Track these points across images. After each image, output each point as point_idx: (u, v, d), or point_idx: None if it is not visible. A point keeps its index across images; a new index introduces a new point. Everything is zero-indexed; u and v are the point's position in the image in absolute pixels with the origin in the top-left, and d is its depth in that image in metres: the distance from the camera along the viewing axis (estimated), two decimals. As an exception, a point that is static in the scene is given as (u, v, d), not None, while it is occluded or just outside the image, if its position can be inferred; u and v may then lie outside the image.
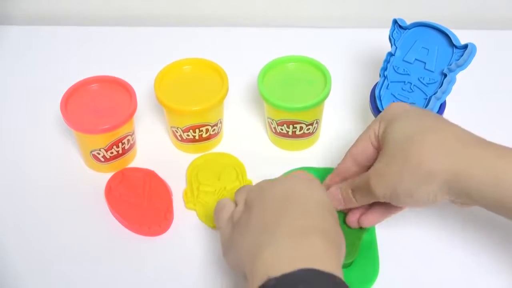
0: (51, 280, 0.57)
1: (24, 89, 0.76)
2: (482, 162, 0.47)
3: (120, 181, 0.63)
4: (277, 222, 0.47)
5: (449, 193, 0.48)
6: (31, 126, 0.71)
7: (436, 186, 0.48)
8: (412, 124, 0.50)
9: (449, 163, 0.47)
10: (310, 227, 0.46)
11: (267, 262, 0.44)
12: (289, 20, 0.85)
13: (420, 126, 0.50)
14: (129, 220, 0.60)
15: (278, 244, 0.45)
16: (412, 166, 0.48)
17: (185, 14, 0.86)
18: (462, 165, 0.47)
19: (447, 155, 0.47)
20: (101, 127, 0.60)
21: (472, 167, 0.47)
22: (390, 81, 0.63)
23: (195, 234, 0.60)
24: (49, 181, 0.65)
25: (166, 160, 0.67)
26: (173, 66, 0.66)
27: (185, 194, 0.63)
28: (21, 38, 0.83)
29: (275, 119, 0.65)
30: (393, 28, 0.64)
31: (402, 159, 0.49)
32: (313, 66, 0.66)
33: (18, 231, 0.61)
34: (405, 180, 0.48)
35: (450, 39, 0.61)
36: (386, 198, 0.51)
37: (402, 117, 0.52)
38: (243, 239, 0.48)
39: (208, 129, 0.65)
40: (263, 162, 0.66)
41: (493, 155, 0.47)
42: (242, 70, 0.72)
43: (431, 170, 0.47)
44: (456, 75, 0.60)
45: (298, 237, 0.45)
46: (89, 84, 0.64)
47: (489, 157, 0.47)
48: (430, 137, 0.49)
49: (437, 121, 0.51)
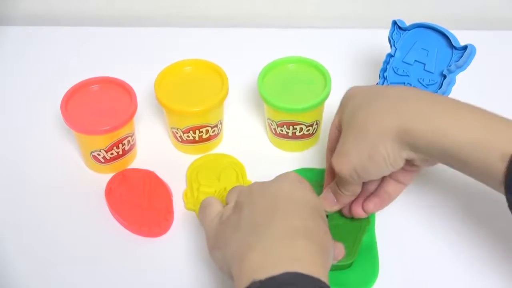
0: (51, 280, 0.57)
1: (24, 89, 0.76)
2: (422, 116, 0.48)
3: (120, 182, 0.63)
4: (266, 223, 0.46)
5: (403, 148, 0.49)
6: (31, 127, 0.71)
7: (388, 144, 0.49)
8: (360, 98, 0.52)
9: (394, 119, 0.49)
10: (298, 229, 0.46)
11: (253, 264, 0.44)
12: (289, 20, 0.85)
13: (366, 98, 0.52)
14: (129, 221, 0.60)
15: (265, 245, 0.45)
16: (362, 134, 0.50)
17: (185, 14, 0.86)
18: (405, 120, 0.48)
19: (390, 114, 0.49)
20: (101, 128, 0.60)
21: (414, 121, 0.48)
22: (389, 82, 0.63)
23: (195, 234, 0.60)
24: (49, 182, 0.65)
25: (166, 161, 0.67)
26: (173, 67, 0.66)
27: (185, 195, 0.63)
28: (21, 38, 0.83)
29: (275, 120, 0.65)
30: (393, 29, 0.64)
31: (353, 132, 0.51)
32: (313, 67, 0.66)
33: (18, 232, 0.61)
34: (361, 150, 0.50)
35: (449, 40, 0.61)
36: (354, 176, 0.52)
37: (354, 96, 0.54)
38: (231, 239, 0.48)
39: (208, 130, 0.65)
40: (263, 163, 0.66)
41: (434, 110, 0.48)
42: (242, 71, 0.72)
43: (378, 130, 0.49)
44: (456, 76, 0.60)
45: (285, 239, 0.45)
46: (89, 85, 0.64)
47: (429, 112, 0.48)
48: (374, 103, 0.50)
49: (384, 89, 0.53)
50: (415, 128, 0.48)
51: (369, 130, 0.49)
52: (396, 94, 0.51)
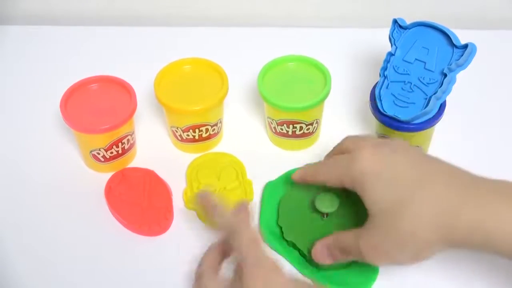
0: (50, 279, 0.57)
1: (24, 88, 0.76)
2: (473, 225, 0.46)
3: (120, 181, 0.63)
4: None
5: (445, 247, 0.48)
6: (31, 126, 0.71)
7: (435, 250, 0.48)
8: (392, 192, 0.49)
9: (442, 232, 0.47)
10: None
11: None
12: (289, 20, 0.85)
13: (401, 194, 0.48)
14: (129, 220, 0.60)
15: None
16: (408, 239, 0.48)
17: (185, 14, 0.86)
18: (453, 229, 0.46)
19: (438, 223, 0.47)
20: (101, 127, 0.60)
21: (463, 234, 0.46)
22: (390, 81, 0.63)
23: (195, 234, 0.60)
24: (49, 181, 0.65)
25: (166, 160, 0.67)
26: (173, 66, 0.66)
27: (185, 193, 0.63)
28: (21, 38, 0.83)
29: (275, 119, 0.65)
30: (393, 28, 0.64)
31: (395, 232, 0.48)
32: (313, 65, 0.66)
33: (17, 231, 0.61)
34: (406, 252, 0.48)
35: (450, 39, 0.61)
36: (385, 265, 0.52)
37: (374, 184, 0.50)
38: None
39: (208, 129, 0.65)
40: (263, 161, 0.66)
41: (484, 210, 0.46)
42: (242, 70, 0.72)
43: (427, 240, 0.47)
44: (456, 74, 0.60)
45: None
46: (89, 84, 0.64)
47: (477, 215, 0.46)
48: (414, 207, 0.47)
49: (414, 184, 0.49)
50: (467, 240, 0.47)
51: (417, 237, 0.47)
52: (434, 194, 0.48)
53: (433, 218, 0.47)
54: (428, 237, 0.47)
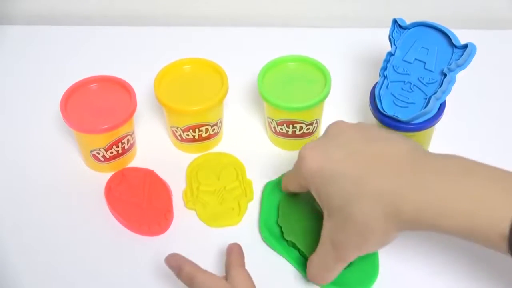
0: (50, 279, 0.57)
1: (24, 89, 0.76)
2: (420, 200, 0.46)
3: (120, 181, 0.63)
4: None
5: (401, 230, 0.48)
6: (31, 126, 0.71)
7: (392, 235, 0.49)
8: (339, 191, 0.49)
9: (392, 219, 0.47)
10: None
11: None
12: (289, 20, 0.85)
13: (346, 189, 0.49)
14: (128, 220, 0.60)
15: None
16: (363, 231, 0.48)
17: (185, 14, 0.86)
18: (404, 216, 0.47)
19: (386, 211, 0.47)
20: (101, 127, 0.60)
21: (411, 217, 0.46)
22: (390, 81, 0.63)
23: (195, 234, 0.60)
24: (49, 181, 0.65)
25: (165, 160, 0.67)
26: (173, 66, 0.66)
27: (185, 193, 0.63)
28: (21, 38, 0.83)
29: (275, 118, 0.65)
30: (393, 28, 0.64)
31: (351, 226, 0.49)
32: (313, 65, 0.66)
33: (17, 231, 0.61)
34: (368, 242, 0.49)
35: (450, 39, 0.61)
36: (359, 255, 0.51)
37: (323, 182, 0.50)
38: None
39: (208, 128, 0.65)
40: (263, 161, 0.66)
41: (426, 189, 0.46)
42: (242, 70, 0.72)
43: (381, 229, 0.48)
44: (456, 74, 0.60)
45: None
46: (89, 84, 0.64)
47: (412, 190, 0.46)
48: (362, 200, 0.48)
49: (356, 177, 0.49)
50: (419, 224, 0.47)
51: (372, 232, 0.48)
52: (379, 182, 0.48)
53: (380, 207, 0.47)
54: (381, 226, 0.48)
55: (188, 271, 0.51)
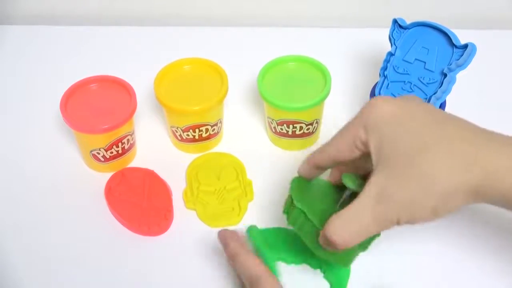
0: (50, 279, 0.57)
1: (24, 89, 0.76)
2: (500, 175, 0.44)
3: (120, 181, 0.63)
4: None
5: (470, 202, 0.45)
6: (31, 126, 0.71)
7: (459, 202, 0.45)
8: (410, 138, 0.46)
9: (468, 178, 0.44)
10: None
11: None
12: (289, 20, 0.85)
13: (419, 134, 0.46)
14: (128, 220, 0.60)
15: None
16: (428, 187, 0.44)
17: (185, 14, 0.86)
18: (480, 180, 0.44)
19: (463, 172, 0.44)
20: (101, 127, 0.60)
21: (490, 181, 0.44)
22: (390, 81, 0.63)
23: (195, 234, 0.60)
24: (49, 181, 0.65)
25: (166, 160, 0.67)
26: (173, 66, 0.66)
27: (185, 194, 0.63)
28: (21, 38, 0.83)
29: (275, 118, 0.65)
30: (393, 28, 0.64)
31: (412, 179, 0.44)
32: (313, 65, 0.66)
33: (17, 231, 0.61)
34: (423, 202, 0.44)
35: (450, 39, 0.61)
36: (400, 223, 0.46)
37: (395, 121, 0.47)
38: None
39: (208, 128, 0.65)
40: (263, 161, 0.66)
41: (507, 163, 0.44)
42: (242, 70, 0.72)
43: (450, 188, 0.44)
44: (456, 74, 0.60)
45: None
46: (89, 84, 0.64)
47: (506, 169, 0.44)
48: (436, 149, 0.45)
49: (435, 128, 0.46)
50: (490, 190, 0.44)
51: (438, 184, 0.44)
52: (459, 137, 0.45)
53: (458, 161, 0.44)
54: (451, 181, 0.43)
55: (233, 248, 0.51)
